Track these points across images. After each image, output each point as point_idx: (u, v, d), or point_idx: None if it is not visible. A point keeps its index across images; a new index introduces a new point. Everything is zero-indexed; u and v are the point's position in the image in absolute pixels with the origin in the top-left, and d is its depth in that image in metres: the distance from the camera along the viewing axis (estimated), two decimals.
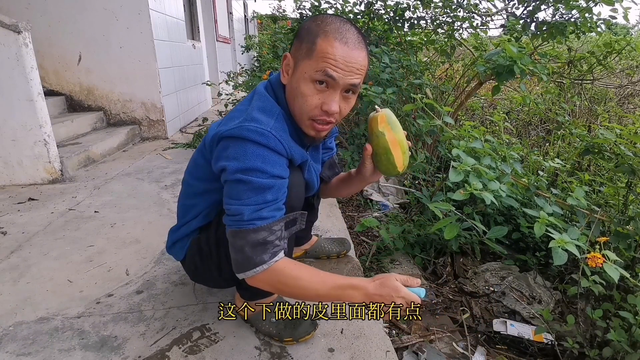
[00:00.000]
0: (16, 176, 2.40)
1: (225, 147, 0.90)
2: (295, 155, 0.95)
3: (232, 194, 0.89)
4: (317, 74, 0.88)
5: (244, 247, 0.87)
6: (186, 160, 2.96)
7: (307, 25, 0.92)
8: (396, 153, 1.05)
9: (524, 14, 2.59)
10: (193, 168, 1.09)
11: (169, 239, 1.19)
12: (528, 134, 3.74)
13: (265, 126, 0.88)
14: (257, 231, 0.87)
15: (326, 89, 0.90)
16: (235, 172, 0.87)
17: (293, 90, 0.94)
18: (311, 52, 0.88)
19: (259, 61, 5.63)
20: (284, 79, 0.96)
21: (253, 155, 0.87)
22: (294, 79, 0.93)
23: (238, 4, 9.99)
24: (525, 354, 1.39)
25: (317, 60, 0.88)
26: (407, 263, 1.78)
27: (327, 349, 1.10)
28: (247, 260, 0.88)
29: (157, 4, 3.57)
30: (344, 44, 0.88)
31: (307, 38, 0.90)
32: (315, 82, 0.89)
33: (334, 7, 3.18)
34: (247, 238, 0.87)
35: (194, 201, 1.10)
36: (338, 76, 0.88)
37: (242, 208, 0.87)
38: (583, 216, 1.43)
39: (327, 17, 0.92)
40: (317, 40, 0.88)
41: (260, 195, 0.87)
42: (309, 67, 0.89)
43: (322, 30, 0.89)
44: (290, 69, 0.94)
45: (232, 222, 0.89)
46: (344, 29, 0.89)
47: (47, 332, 1.15)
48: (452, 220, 1.37)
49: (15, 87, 2.23)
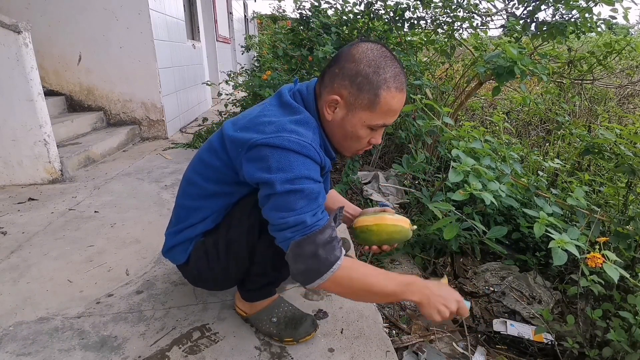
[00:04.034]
0: (16, 176, 2.40)
1: (264, 158, 0.88)
2: (327, 166, 0.98)
3: (284, 206, 0.87)
4: (378, 125, 0.94)
5: (317, 250, 0.86)
6: (186, 160, 2.97)
7: (363, 70, 0.90)
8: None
9: (524, 14, 2.58)
10: (202, 169, 1.04)
11: (167, 242, 1.13)
12: (528, 134, 3.74)
13: (306, 139, 0.90)
14: (323, 231, 0.88)
15: (377, 130, 0.97)
16: (284, 182, 0.86)
17: (344, 130, 0.97)
18: (374, 105, 0.92)
19: (259, 61, 5.63)
20: (329, 116, 0.97)
21: (298, 164, 0.87)
22: (349, 123, 0.95)
23: (238, 4, 9.99)
24: (525, 354, 1.39)
25: (380, 113, 0.93)
26: (407, 263, 1.78)
27: (327, 349, 1.10)
28: (322, 262, 0.87)
29: (157, 4, 3.57)
30: (402, 91, 0.93)
31: (366, 87, 0.91)
32: (372, 129, 0.96)
33: (334, 7, 3.17)
34: (316, 241, 0.86)
35: (200, 203, 1.05)
36: (392, 122, 0.96)
37: (302, 217, 0.87)
38: (583, 216, 1.43)
39: (381, 58, 0.91)
40: (379, 92, 0.90)
41: (313, 200, 0.89)
42: (369, 118, 0.93)
43: (382, 79, 0.90)
44: (340, 110, 0.95)
45: (294, 234, 0.87)
46: (400, 72, 0.92)
47: (47, 332, 1.15)
48: (451, 220, 1.37)
49: (15, 87, 2.23)
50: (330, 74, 0.94)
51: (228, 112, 3.86)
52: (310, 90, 0.99)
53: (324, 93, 0.96)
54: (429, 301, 0.89)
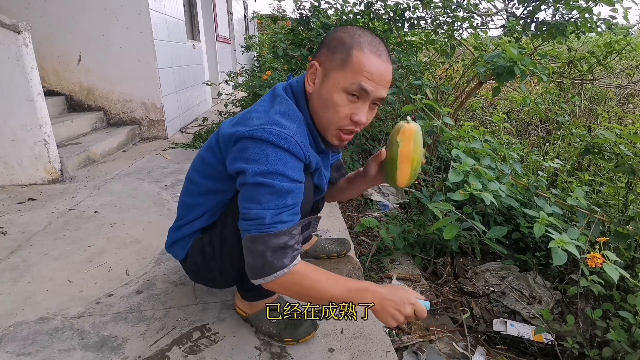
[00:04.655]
0: (16, 176, 2.40)
1: (245, 148, 0.88)
2: (312, 161, 0.96)
3: (252, 197, 0.88)
4: (351, 86, 0.89)
5: (265, 252, 0.86)
6: (186, 160, 2.97)
7: (339, 36, 0.92)
8: (403, 167, 1.05)
9: (524, 14, 2.58)
10: (201, 166, 1.07)
11: (169, 237, 1.18)
12: (528, 134, 3.74)
13: (288, 131, 0.88)
14: (278, 235, 0.86)
15: (357, 100, 0.92)
16: (255, 174, 0.86)
17: (322, 100, 0.94)
18: (346, 64, 0.89)
19: (259, 61, 5.63)
20: (310, 87, 0.96)
21: (275, 158, 0.86)
22: (324, 89, 0.93)
23: (238, 4, 9.99)
24: (525, 354, 1.39)
25: (352, 72, 0.89)
26: (407, 263, 1.78)
27: (327, 349, 1.10)
28: (267, 265, 0.87)
29: (157, 4, 3.57)
30: (379, 57, 0.90)
31: (340, 48, 0.90)
32: (348, 93, 0.91)
33: (334, 7, 3.17)
34: (268, 243, 0.86)
35: (197, 200, 1.08)
36: (371, 90, 0.90)
37: (263, 212, 0.86)
38: (583, 216, 1.43)
39: (357, 29, 0.93)
40: (352, 52, 0.89)
41: (281, 199, 0.87)
42: (343, 79, 0.90)
43: (356, 42, 0.89)
44: (318, 78, 0.94)
45: (252, 227, 0.87)
46: (376, 42, 0.91)
47: (47, 332, 1.15)
48: (451, 220, 1.37)
49: (15, 87, 2.23)
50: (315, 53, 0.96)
51: (228, 112, 3.86)
52: (300, 83, 1.00)
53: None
54: (381, 307, 0.87)
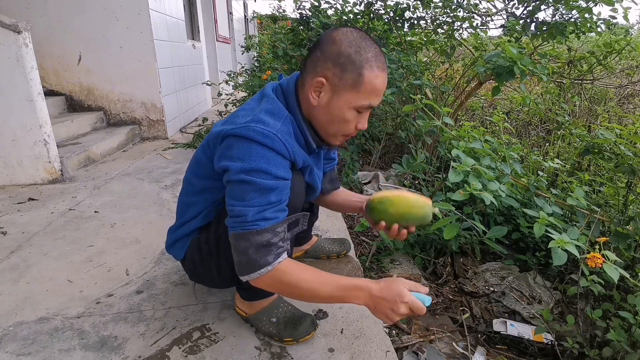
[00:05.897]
0: (16, 176, 2.40)
1: (229, 146, 0.90)
2: (298, 159, 0.96)
3: (236, 194, 0.89)
4: (363, 106, 0.93)
5: (248, 249, 0.87)
6: (186, 160, 2.97)
7: (345, 51, 0.90)
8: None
9: (524, 14, 2.59)
10: (195, 165, 1.09)
11: (169, 238, 1.19)
12: (528, 134, 3.74)
13: (272, 129, 0.89)
14: (261, 233, 0.87)
15: (362, 112, 0.96)
16: (239, 172, 0.87)
17: (330, 114, 0.95)
18: (358, 85, 0.91)
19: (259, 61, 5.62)
20: (314, 101, 0.95)
21: (257, 156, 0.87)
22: (334, 106, 0.94)
23: (238, 4, 9.99)
24: (525, 354, 1.39)
25: (365, 93, 0.91)
26: (407, 263, 1.78)
27: (327, 349, 1.10)
28: (251, 262, 0.87)
29: (157, 4, 3.57)
30: (383, 70, 0.92)
31: (350, 67, 0.90)
32: (357, 110, 0.94)
33: (334, 7, 3.17)
34: (251, 240, 0.87)
35: (193, 199, 1.10)
36: (377, 104, 0.94)
37: (245, 209, 0.87)
38: (583, 216, 1.43)
39: (358, 38, 0.92)
40: (363, 72, 0.90)
41: (264, 196, 0.87)
42: (355, 99, 0.92)
43: (364, 59, 0.90)
44: (325, 93, 0.94)
45: (236, 224, 0.88)
46: (379, 53, 0.92)
47: (47, 332, 1.15)
48: (451, 220, 1.37)
49: (15, 87, 2.23)
50: (312, 59, 0.94)
51: (228, 112, 3.86)
52: (291, 82, 1.00)
53: (307, 79, 0.96)
54: (375, 306, 0.86)
